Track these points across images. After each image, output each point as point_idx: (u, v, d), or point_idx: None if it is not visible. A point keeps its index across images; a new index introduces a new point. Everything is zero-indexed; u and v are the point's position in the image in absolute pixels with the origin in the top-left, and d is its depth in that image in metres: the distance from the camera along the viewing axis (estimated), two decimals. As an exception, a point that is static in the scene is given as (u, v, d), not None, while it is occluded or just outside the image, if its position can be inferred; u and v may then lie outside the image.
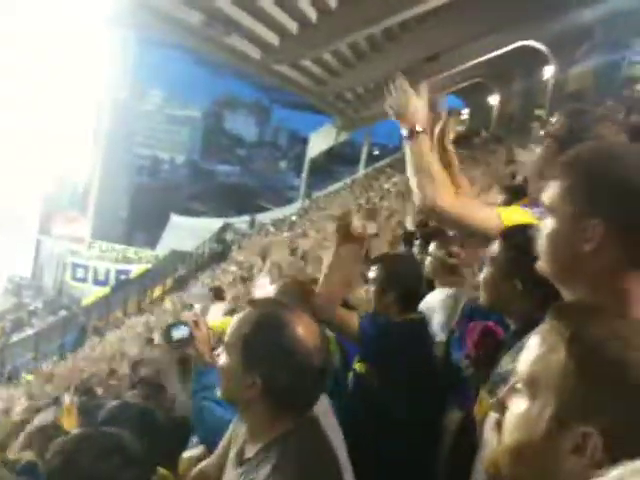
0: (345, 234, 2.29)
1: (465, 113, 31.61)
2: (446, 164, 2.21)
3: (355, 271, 3.06)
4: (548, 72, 22.13)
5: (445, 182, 1.82)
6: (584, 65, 20.85)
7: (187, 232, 37.50)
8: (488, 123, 26.70)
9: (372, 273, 2.80)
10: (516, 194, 3.21)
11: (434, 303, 2.88)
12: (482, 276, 1.84)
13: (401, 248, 5.32)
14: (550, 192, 1.18)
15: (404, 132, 1.95)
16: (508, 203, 2.83)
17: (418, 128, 1.91)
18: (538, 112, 21.90)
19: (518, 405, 0.88)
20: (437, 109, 2.49)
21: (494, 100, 27.72)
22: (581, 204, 1.12)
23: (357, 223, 2.22)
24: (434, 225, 3.62)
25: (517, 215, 1.84)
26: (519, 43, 21.22)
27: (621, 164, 1.12)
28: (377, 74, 22.81)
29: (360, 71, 22.28)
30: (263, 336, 1.44)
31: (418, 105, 1.95)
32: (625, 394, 0.80)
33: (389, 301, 2.69)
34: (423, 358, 2.59)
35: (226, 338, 1.51)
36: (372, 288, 2.77)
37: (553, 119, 2.07)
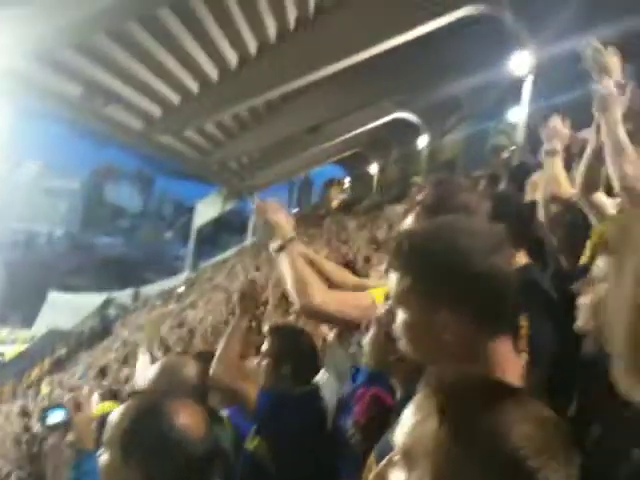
0: (248, 304, 2.29)
1: (347, 182, 32.78)
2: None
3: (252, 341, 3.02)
4: (422, 142, 23.44)
5: (317, 282, 1.87)
6: (455, 135, 22.28)
7: (66, 309, 35.74)
8: (369, 191, 27.70)
9: (265, 345, 2.76)
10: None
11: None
12: (367, 337, 1.85)
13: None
14: (394, 286, 1.19)
15: (274, 246, 1.96)
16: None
17: (287, 239, 1.95)
18: (415, 180, 22.99)
19: (397, 478, 0.87)
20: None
21: (374, 169, 28.90)
22: (426, 296, 1.14)
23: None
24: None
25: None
26: (394, 115, 22.43)
27: (459, 248, 1.14)
28: (261, 143, 23.26)
29: (244, 141, 22.58)
30: (143, 429, 1.36)
31: (280, 218, 2.01)
32: (498, 462, 0.79)
33: (284, 374, 2.66)
34: (317, 431, 2.52)
35: (105, 435, 1.42)
36: (265, 360, 2.72)
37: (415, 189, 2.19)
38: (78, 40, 12.75)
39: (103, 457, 1.41)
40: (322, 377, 2.83)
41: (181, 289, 26.43)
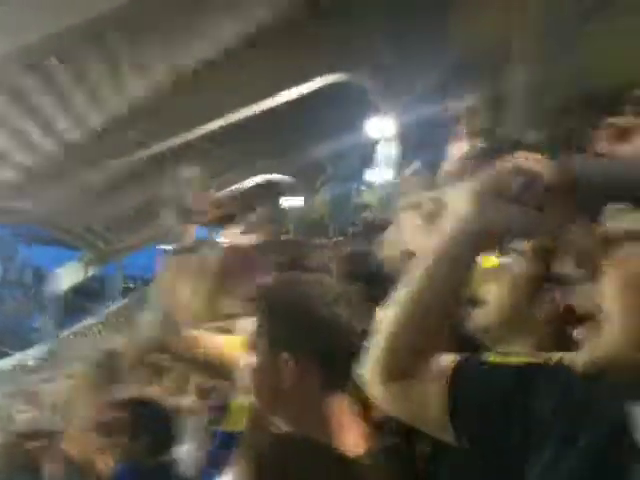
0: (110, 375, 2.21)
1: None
2: None
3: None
4: (291, 202, 23.89)
5: (184, 321, 1.91)
6: (322, 195, 22.94)
7: None
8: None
9: (119, 418, 2.66)
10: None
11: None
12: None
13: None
14: (252, 330, 1.23)
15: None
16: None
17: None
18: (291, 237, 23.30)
19: None
20: None
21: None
22: (271, 341, 1.18)
23: None
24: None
25: None
26: (263, 176, 22.79)
27: (306, 296, 1.19)
28: (126, 206, 22.68)
29: (107, 204, 21.95)
30: None
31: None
32: None
33: (139, 446, 2.58)
34: None
35: None
36: (119, 434, 2.62)
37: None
38: None
39: None
40: (181, 447, 2.78)
41: (39, 361, 24.76)
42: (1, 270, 68.10)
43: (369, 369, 0.95)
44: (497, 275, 1.17)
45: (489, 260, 1.52)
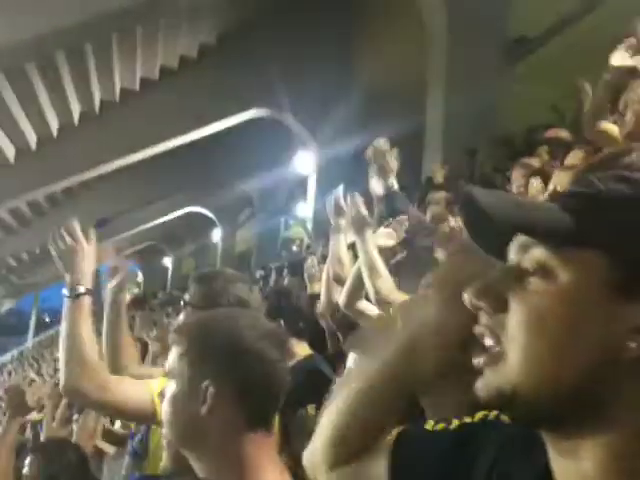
0: (17, 408, 2.11)
1: (139, 276, 31.89)
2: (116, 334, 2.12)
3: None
4: (216, 235, 23.72)
5: (95, 365, 1.68)
6: (248, 229, 22.87)
7: None
8: (164, 284, 27.15)
9: (29, 466, 2.54)
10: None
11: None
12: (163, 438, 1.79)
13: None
14: (170, 358, 1.18)
15: (66, 291, 1.77)
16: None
17: (81, 289, 1.77)
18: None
19: None
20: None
21: (168, 262, 28.50)
22: (194, 367, 1.13)
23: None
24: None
25: None
26: (187, 209, 22.53)
27: (232, 326, 1.16)
28: (42, 239, 21.88)
29: (24, 236, 21.16)
30: None
31: (88, 257, 1.85)
32: None
33: None
34: None
35: None
36: None
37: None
38: None
39: None
40: None
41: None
42: None
43: (314, 455, 0.93)
44: None
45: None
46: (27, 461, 2.50)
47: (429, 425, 0.91)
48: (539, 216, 0.63)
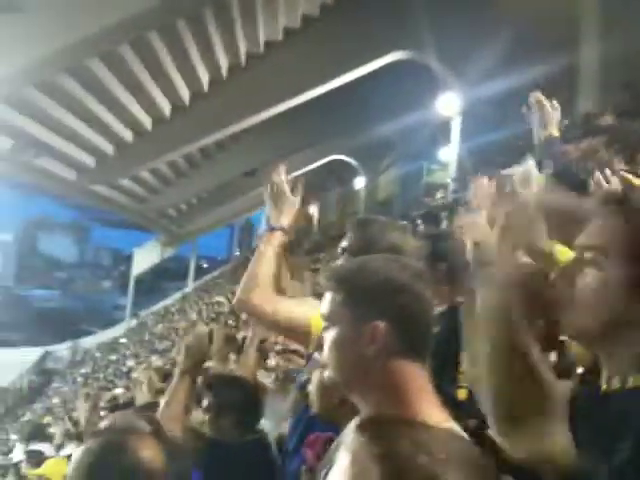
0: (193, 358, 2.26)
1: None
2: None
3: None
4: (359, 183, 23.86)
5: (267, 284, 1.85)
6: (390, 175, 22.77)
7: (2, 365, 34.18)
8: (310, 232, 27.84)
9: (205, 398, 2.71)
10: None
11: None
12: (312, 383, 1.86)
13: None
14: (327, 305, 1.24)
15: (264, 224, 1.97)
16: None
17: (277, 224, 1.93)
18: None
19: None
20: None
21: (313, 210, 29.07)
22: (355, 310, 1.18)
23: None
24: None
25: None
26: (331, 157, 22.82)
27: (387, 268, 1.22)
28: (197, 190, 23.21)
29: (181, 187, 22.52)
30: (108, 463, 1.40)
31: (290, 202, 1.99)
32: None
33: (226, 425, 2.62)
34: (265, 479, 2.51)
35: (68, 475, 1.44)
36: (207, 413, 2.67)
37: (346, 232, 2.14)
38: (7, 93, 12.57)
39: None
40: (266, 427, 2.82)
41: (122, 340, 25.73)
42: (77, 252, 71.04)
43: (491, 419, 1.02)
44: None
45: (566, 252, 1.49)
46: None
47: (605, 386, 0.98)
48: None
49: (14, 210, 61.79)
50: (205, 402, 2.69)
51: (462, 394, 1.68)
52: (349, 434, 1.19)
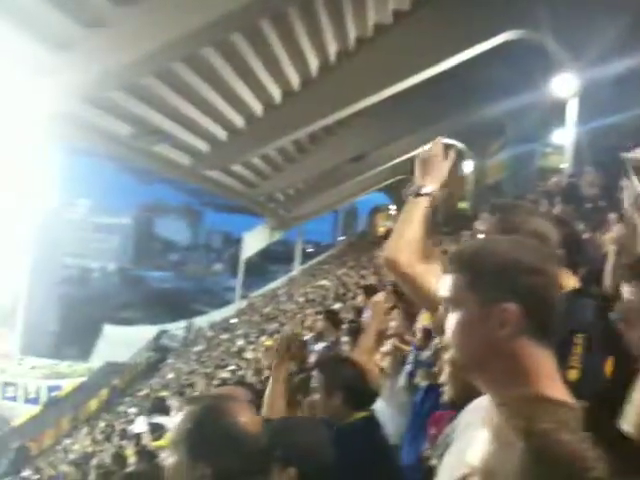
0: (291, 353, 2.30)
1: (392, 209, 32.79)
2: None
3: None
4: (467, 167, 23.34)
5: (414, 246, 1.85)
6: (498, 158, 22.12)
7: (121, 342, 36.35)
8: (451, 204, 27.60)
9: (314, 380, 2.79)
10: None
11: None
12: (445, 372, 1.86)
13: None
14: (451, 287, 1.22)
15: (414, 187, 1.93)
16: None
17: (425, 189, 1.92)
18: (461, 205, 22.86)
19: None
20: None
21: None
22: (483, 291, 1.16)
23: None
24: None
25: None
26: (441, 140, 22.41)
27: (512, 249, 1.19)
28: (305, 175, 23.53)
29: (289, 173, 22.92)
30: (206, 427, 1.48)
31: (440, 169, 1.97)
32: None
33: (335, 404, 2.66)
34: (376, 457, 2.53)
35: (171, 439, 1.55)
36: (317, 396, 2.74)
37: (482, 215, 2.11)
38: (127, 81, 13.23)
39: (170, 459, 1.51)
40: (379, 407, 2.84)
41: (233, 320, 26.63)
42: (190, 235, 74.06)
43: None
44: None
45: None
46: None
47: None
48: None
49: (131, 195, 65.28)
50: (315, 383, 2.76)
51: (573, 375, 1.65)
52: (472, 413, 1.21)
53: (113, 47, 11.54)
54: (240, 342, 16.61)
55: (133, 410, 15.47)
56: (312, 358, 4.47)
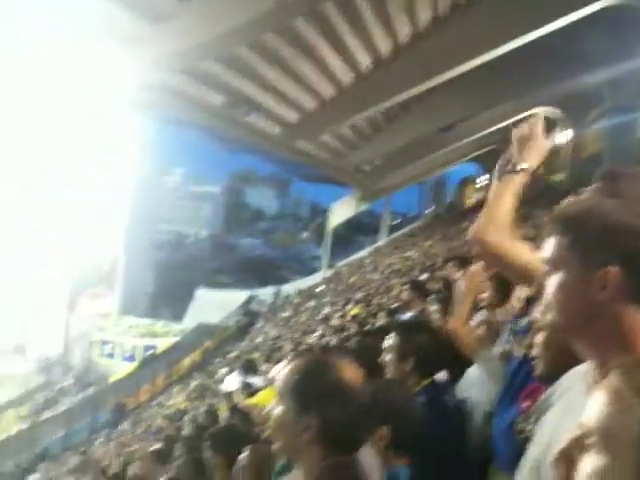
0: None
1: (484, 180, 31.96)
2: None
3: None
4: (564, 137, 22.43)
5: (502, 223, 1.82)
6: (596, 129, 21.14)
7: (212, 305, 37.67)
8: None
9: (388, 341, 2.82)
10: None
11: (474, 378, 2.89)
12: (537, 344, 1.85)
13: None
14: (553, 249, 1.21)
15: (510, 164, 1.87)
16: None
17: (520, 166, 1.86)
18: (558, 177, 22.04)
19: (592, 462, 0.86)
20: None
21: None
22: (586, 254, 1.15)
23: None
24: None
25: None
26: (532, 110, 21.65)
27: (614, 210, 1.17)
28: (393, 145, 23.30)
29: (377, 143, 22.77)
30: (313, 379, 1.53)
31: (540, 145, 1.90)
32: None
33: (407, 369, 2.72)
34: (444, 421, 2.56)
35: (278, 390, 1.58)
36: (389, 355, 2.78)
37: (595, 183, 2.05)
38: (221, 53, 13.53)
39: (277, 409, 1.57)
40: (474, 372, 2.90)
41: (320, 288, 26.99)
42: (278, 205, 75.11)
43: None
44: None
45: None
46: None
47: None
48: None
49: (222, 164, 66.76)
50: (390, 342, 2.81)
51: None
52: (571, 379, 1.24)
53: (207, 19, 11.85)
54: (326, 310, 16.87)
55: (224, 370, 16.04)
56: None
